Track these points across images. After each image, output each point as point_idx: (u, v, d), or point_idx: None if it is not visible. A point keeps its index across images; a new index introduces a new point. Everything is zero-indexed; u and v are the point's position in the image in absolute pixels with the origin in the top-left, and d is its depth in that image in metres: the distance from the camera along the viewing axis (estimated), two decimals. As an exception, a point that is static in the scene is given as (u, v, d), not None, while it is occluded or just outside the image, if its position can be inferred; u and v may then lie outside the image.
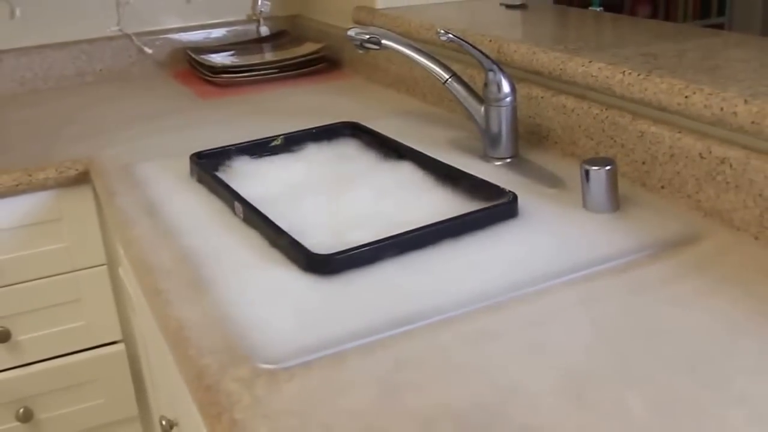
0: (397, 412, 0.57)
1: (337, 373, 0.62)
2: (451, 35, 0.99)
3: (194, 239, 0.86)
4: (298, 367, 0.63)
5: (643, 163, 0.96)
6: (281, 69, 1.59)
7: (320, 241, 0.83)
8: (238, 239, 0.86)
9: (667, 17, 3.19)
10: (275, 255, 0.81)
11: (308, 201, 0.95)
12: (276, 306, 0.71)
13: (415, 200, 0.95)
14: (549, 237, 0.84)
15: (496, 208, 0.87)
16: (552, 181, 1.00)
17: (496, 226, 0.86)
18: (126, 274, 1.24)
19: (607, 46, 1.09)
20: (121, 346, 1.34)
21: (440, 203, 0.93)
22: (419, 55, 1.06)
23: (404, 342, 0.66)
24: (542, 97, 1.11)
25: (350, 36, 1.08)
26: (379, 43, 1.06)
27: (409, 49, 1.06)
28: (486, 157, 1.08)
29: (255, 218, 0.87)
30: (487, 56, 1.01)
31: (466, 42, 1.00)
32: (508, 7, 1.50)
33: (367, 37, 1.06)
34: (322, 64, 1.62)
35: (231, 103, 1.46)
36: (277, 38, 1.81)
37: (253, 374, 0.62)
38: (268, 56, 1.70)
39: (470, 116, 1.07)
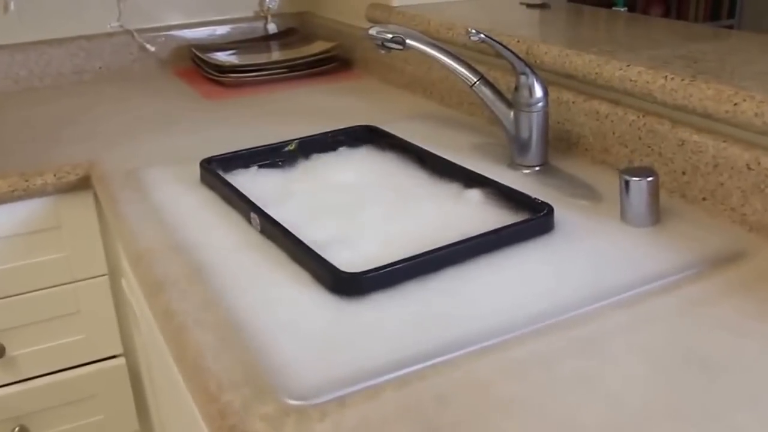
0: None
1: (374, 410, 0.56)
2: (482, 35, 0.92)
3: (208, 253, 0.80)
4: (331, 403, 0.57)
5: (683, 173, 0.90)
6: (291, 69, 1.52)
7: (342, 255, 0.76)
8: (256, 253, 0.79)
9: (679, 18, 3.15)
10: (297, 271, 0.75)
11: (327, 211, 0.89)
12: (301, 332, 0.65)
13: (442, 211, 0.88)
14: (588, 254, 0.78)
15: (532, 222, 0.81)
16: (585, 191, 0.94)
17: (531, 241, 0.80)
18: (129, 286, 1.17)
19: (640, 48, 1.03)
20: (121, 360, 1.27)
21: (470, 215, 0.87)
22: (446, 56, 0.99)
23: (444, 373, 0.60)
24: (573, 102, 1.04)
25: (371, 35, 1.01)
26: (403, 43, 0.99)
27: (434, 50, 0.99)
28: (514, 165, 1.01)
29: (274, 231, 0.81)
30: (520, 58, 0.95)
31: (499, 43, 0.94)
32: (529, 6, 1.43)
33: (391, 36, 0.99)
34: (333, 63, 1.56)
35: (238, 104, 1.39)
36: (285, 36, 1.74)
37: (281, 412, 0.56)
38: (276, 55, 1.63)
39: (498, 121, 1.01)
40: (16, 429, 1.22)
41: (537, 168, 1.00)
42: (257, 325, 0.66)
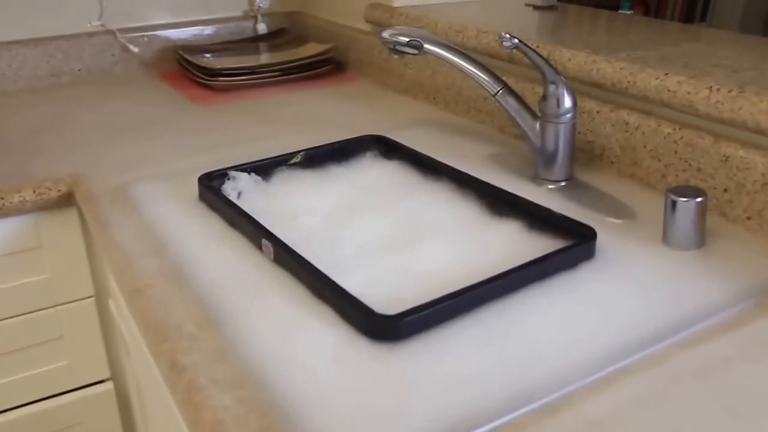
0: None
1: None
2: (516, 41, 0.85)
3: (217, 287, 0.71)
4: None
5: (725, 190, 0.84)
6: (284, 72, 1.43)
7: (365, 288, 0.68)
8: (271, 287, 0.71)
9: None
10: (321, 309, 0.67)
11: (341, 233, 0.81)
12: (334, 389, 0.57)
13: (471, 234, 0.81)
14: (637, 285, 0.71)
15: (575, 249, 0.74)
16: (617, 208, 0.87)
17: (573, 269, 0.73)
18: (117, 307, 1.08)
19: (673, 57, 0.96)
20: (109, 385, 1.18)
21: (502, 239, 0.80)
22: (468, 63, 0.92)
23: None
24: (598, 112, 0.97)
25: (384, 38, 0.93)
26: (420, 47, 0.91)
27: (456, 56, 0.92)
28: (538, 179, 0.94)
29: (290, 261, 0.72)
30: (552, 66, 0.87)
31: (532, 50, 0.86)
32: (536, 8, 1.36)
33: (407, 40, 0.91)
34: (328, 66, 1.47)
35: (230, 110, 1.30)
36: (275, 37, 1.65)
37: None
38: (267, 57, 1.54)
39: (522, 132, 0.93)
40: (-6, 465, 1.13)
41: (563, 183, 0.93)
42: (282, 382, 0.58)
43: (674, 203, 0.77)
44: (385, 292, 0.69)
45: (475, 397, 0.56)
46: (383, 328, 0.62)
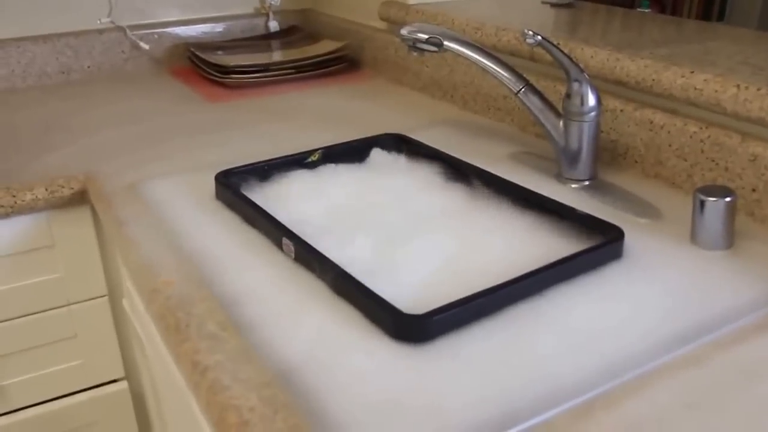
0: None
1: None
2: (540, 38, 0.83)
3: (238, 286, 0.70)
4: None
5: (753, 190, 0.82)
6: (298, 69, 1.41)
7: (389, 288, 0.67)
8: (293, 287, 0.69)
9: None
10: (345, 310, 0.65)
11: (361, 233, 0.79)
12: (361, 389, 0.55)
13: (494, 233, 0.79)
14: (667, 284, 0.69)
15: (603, 249, 0.72)
16: (643, 208, 0.85)
17: (600, 269, 0.72)
18: (131, 306, 1.07)
19: (697, 54, 0.94)
20: (123, 385, 1.17)
21: (527, 238, 0.78)
22: (490, 61, 0.90)
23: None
24: (621, 111, 0.96)
25: (403, 35, 0.92)
26: (440, 45, 0.90)
27: (477, 53, 0.90)
28: (561, 179, 0.92)
29: (312, 260, 0.71)
30: (576, 64, 0.86)
31: (555, 46, 0.84)
32: (553, 5, 1.35)
33: (427, 37, 0.90)
34: (343, 64, 1.45)
35: (244, 107, 1.29)
36: (288, 34, 1.64)
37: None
38: (279, 54, 1.52)
39: (545, 131, 0.92)
40: (6, 466, 1.11)
41: (587, 182, 0.92)
42: (309, 382, 0.56)
43: (703, 203, 0.75)
44: (410, 292, 0.68)
45: (506, 396, 0.54)
46: (410, 327, 0.60)
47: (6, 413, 1.10)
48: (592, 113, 0.88)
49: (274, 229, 0.76)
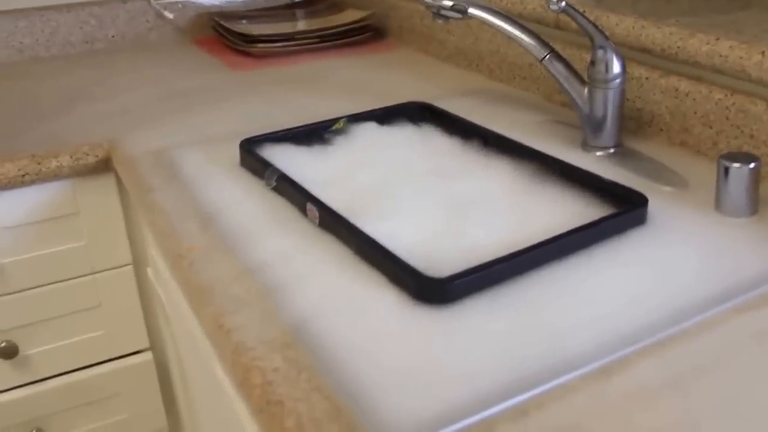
0: None
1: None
2: (564, 4, 0.81)
3: (261, 252, 0.70)
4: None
5: (781, 157, 0.81)
6: (322, 39, 1.40)
7: (412, 254, 0.66)
8: (317, 252, 0.69)
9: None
10: (369, 273, 0.65)
11: (388, 201, 0.79)
12: (387, 353, 0.55)
13: (518, 201, 0.78)
14: (691, 250, 0.68)
15: (626, 215, 0.71)
16: (667, 175, 0.84)
17: (623, 235, 0.71)
18: (156, 276, 1.07)
19: (723, 23, 0.92)
20: (147, 355, 1.18)
21: (550, 205, 0.77)
22: (514, 27, 0.88)
23: (562, 400, 0.50)
24: (647, 78, 0.94)
25: (428, 2, 0.90)
26: (464, 12, 0.88)
27: (501, 20, 0.88)
28: (586, 146, 0.91)
29: (336, 225, 0.70)
30: (601, 31, 0.84)
31: (580, 14, 0.83)
32: (581, -29, 1.32)
33: (451, 4, 0.88)
34: (368, 33, 1.44)
35: (268, 76, 1.28)
36: (311, 4, 1.62)
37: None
38: (304, 24, 1.51)
39: (570, 99, 0.90)
40: None
41: (611, 150, 0.90)
42: (332, 343, 0.56)
43: (727, 169, 0.74)
44: (432, 258, 0.67)
45: (526, 359, 0.54)
46: (432, 290, 0.60)
47: (31, 383, 1.12)
48: (617, 80, 0.87)
49: (297, 195, 0.76)
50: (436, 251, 0.69)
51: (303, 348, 0.56)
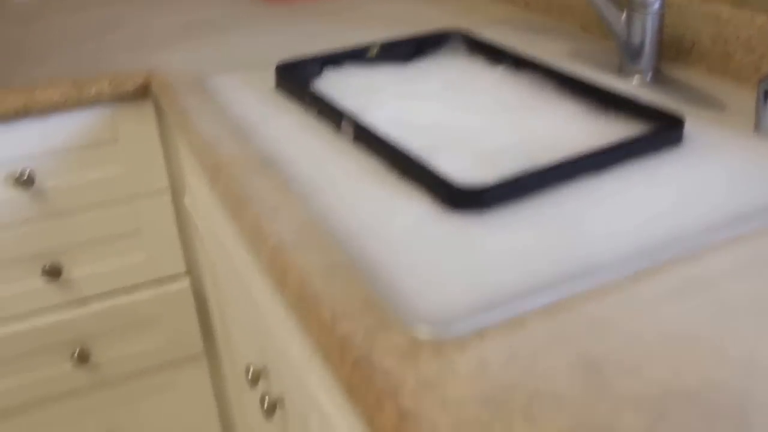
0: (610, 396, 0.42)
1: (520, 344, 0.47)
2: None
3: (298, 166, 0.71)
4: (468, 336, 0.48)
5: (825, 81, 0.79)
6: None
7: (446, 168, 0.67)
8: (351, 166, 0.70)
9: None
10: (403, 185, 0.66)
11: (420, 122, 0.79)
12: (420, 253, 0.56)
13: (553, 123, 0.78)
14: (727, 171, 0.68)
15: (661, 134, 0.71)
16: (706, 100, 0.83)
17: (659, 155, 0.71)
18: (193, 204, 1.10)
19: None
20: (185, 281, 1.21)
21: (583, 128, 0.77)
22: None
23: (591, 301, 0.51)
24: (687, 4, 0.92)
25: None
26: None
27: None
28: (623, 73, 0.90)
29: (371, 139, 0.71)
30: (643, -52, 0.83)
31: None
32: None
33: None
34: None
35: (304, 11, 1.28)
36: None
37: (413, 346, 0.47)
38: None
39: (608, 25, 0.89)
40: (76, 352, 1.17)
41: (649, 76, 0.89)
42: (367, 245, 0.58)
43: (767, 92, 0.73)
44: (466, 172, 0.68)
45: (557, 263, 0.54)
46: (464, 198, 0.61)
47: (72, 306, 1.15)
48: (656, 5, 0.86)
49: (331, 113, 0.77)
50: (468, 169, 0.69)
51: (338, 247, 0.58)
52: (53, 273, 1.10)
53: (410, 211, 0.62)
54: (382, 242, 0.58)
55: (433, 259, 0.55)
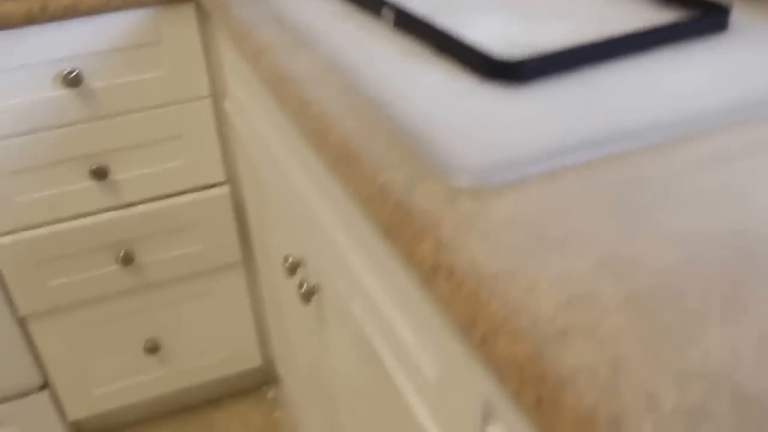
0: (645, 234, 0.44)
1: (556, 193, 0.49)
2: None
3: (338, 48, 0.72)
4: (505, 185, 0.50)
5: None
6: None
7: (488, 44, 0.68)
8: (392, 47, 0.71)
9: None
10: (444, 62, 0.67)
11: (457, 6, 0.80)
12: (458, 115, 0.58)
13: (598, 10, 0.78)
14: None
15: (705, 20, 0.71)
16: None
17: (703, 39, 0.71)
18: (234, 107, 1.12)
19: None
20: (225, 189, 1.24)
21: (633, 13, 0.77)
22: None
23: (625, 161, 0.52)
24: None
25: None
26: None
27: None
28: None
29: (411, 24, 0.72)
30: None
31: None
32: None
33: None
34: None
35: None
36: None
37: (451, 192, 0.49)
38: None
39: None
40: (122, 253, 1.21)
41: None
42: (406, 109, 0.59)
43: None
44: (504, 51, 0.69)
45: (593, 128, 0.55)
46: (502, 71, 0.62)
47: (115, 208, 1.19)
48: None
49: (371, 1, 0.78)
50: (509, 47, 0.70)
51: (378, 110, 0.59)
52: (100, 174, 1.14)
53: (450, 83, 0.63)
54: (420, 107, 0.59)
55: (471, 120, 0.57)
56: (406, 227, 0.48)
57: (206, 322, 1.35)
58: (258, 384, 1.55)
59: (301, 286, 0.86)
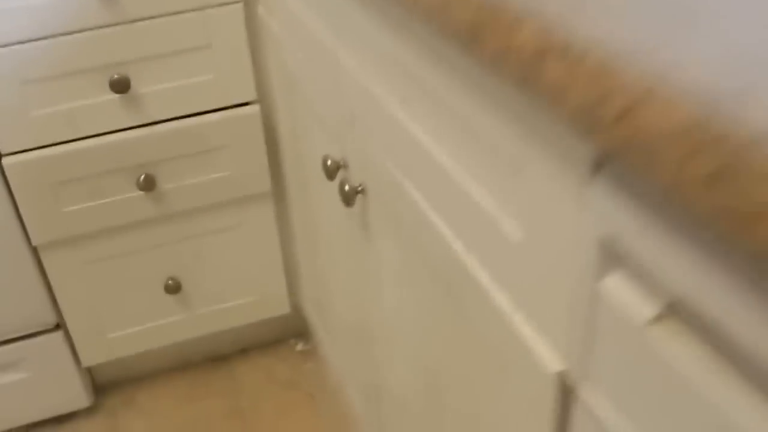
0: None
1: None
2: None
3: None
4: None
5: None
6: None
7: None
8: None
9: None
10: None
11: None
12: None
13: None
14: None
15: None
16: None
17: None
18: (269, 9, 1.01)
19: None
20: (255, 108, 1.13)
21: None
22: None
23: None
24: None
25: None
26: None
27: None
28: None
29: None
30: None
31: None
32: None
33: None
34: None
35: None
36: None
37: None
38: None
39: None
40: (142, 177, 1.11)
41: None
42: None
43: None
44: None
45: None
46: None
47: (136, 126, 1.09)
48: None
49: None
50: None
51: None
52: (121, 86, 1.04)
53: None
54: None
55: None
56: (500, 17, 0.37)
57: (231, 260, 1.25)
58: (286, 336, 1.45)
59: (342, 186, 0.75)
